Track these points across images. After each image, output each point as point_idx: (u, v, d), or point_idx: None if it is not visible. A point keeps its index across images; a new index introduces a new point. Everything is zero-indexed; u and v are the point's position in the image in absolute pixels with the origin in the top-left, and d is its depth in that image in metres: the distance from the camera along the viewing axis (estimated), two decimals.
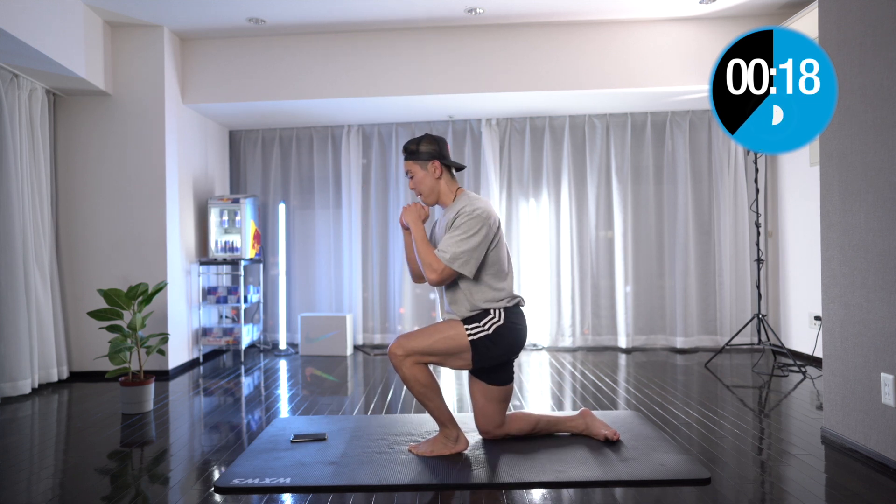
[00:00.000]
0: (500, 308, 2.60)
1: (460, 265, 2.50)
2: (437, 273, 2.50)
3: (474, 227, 2.51)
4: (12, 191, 3.99)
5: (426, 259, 2.53)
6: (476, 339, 2.55)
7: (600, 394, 3.83)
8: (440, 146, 2.66)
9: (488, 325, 2.57)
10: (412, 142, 2.66)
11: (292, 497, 2.29)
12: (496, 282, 2.60)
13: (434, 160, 2.64)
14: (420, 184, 2.66)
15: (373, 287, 5.85)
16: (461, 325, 2.57)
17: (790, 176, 5.08)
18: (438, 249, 2.53)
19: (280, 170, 5.97)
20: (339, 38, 4.89)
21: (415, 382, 2.55)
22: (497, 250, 2.60)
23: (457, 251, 2.49)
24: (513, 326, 2.61)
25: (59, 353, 4.39)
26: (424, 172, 2.65)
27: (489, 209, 2.58)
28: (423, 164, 2.65)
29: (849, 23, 2.67)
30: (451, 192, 2.68)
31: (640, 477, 2.36)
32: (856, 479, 2.39)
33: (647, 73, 4.76)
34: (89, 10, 4.27)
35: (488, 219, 2.54)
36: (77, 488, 2.42)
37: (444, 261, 2.49)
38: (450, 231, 2.55)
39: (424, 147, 2.64)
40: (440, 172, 2.65)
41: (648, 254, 5.59)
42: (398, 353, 2.53)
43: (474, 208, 2.54)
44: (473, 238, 2.50)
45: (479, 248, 2.52)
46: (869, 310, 2.57)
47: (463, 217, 2.53)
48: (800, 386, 3.94)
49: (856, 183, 2.64)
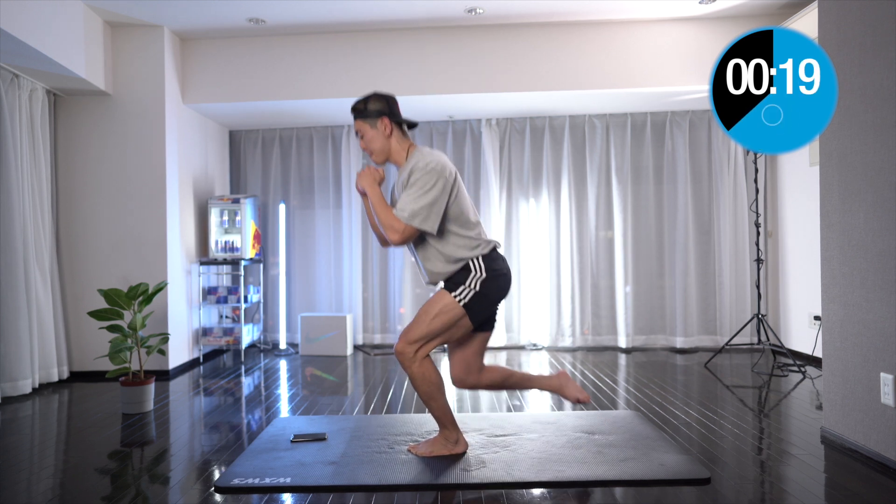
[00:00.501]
0: (478, 258, 2.54)
1: (420, 221, 2.44)
2: (398, 233, 2.46)
3: (430, 182, 2.45)
4: (12, 191, 3.99)
5: (386, 221, 2.47)
6: (468, 302, 2.50)
7: (600, 394, 3.83)
8: (389, 103, 2.60)
9: (473, 283, 2.51)
10: (360, 101, 2.60)
11: (292, 497, 2.29)
12: (464, 231, 2.54)
13: (383, 117, 2.57)
14: (371, 143, 2.60)
15: (373, 287, 5.85)
16: (448, 295, 2.52)
17: (790, 176, 5.08)
18: (396, 209, 2.47)
19: (280, 170, 5.97)
20: (339, 38, 4.89)
21: (423, 381, 2.53)
22: (458, 202, 2.53)
23: (415, 208, 2.44)
24: (496, 274, 2.55)
25: (59, 352, 4.40)
26: (374, 131, 2.58)
27: (443, 161, 2.52)
28: (373, 123, 2.58)
29: (849, 23, 2.67)
30: (402, 149, 2.62)
31: (640, 477, 2.36)
32: (855, 478, 2.39)
33: (647, 73, 4.76)
34: (89, 10, 4.27)
35: (443, 171, 2.49)
36: (77, 488, 2.42)
37: (404, 219, 2.44)
38: (406, 189, 2.50)
39: (372, 105, 2.58)
40: (390, 130, 2.58)
41: (648, 254, 5.59)
42: (406, 351, 2.51)
43: (427, 162, 2.48)
44: (430, 193, 2.45)
45: (438, 202, 2.46)
46: (868, 310, 2.57)
47: (418, 173, 2.47)
48: (799, 386, 3.94)
49: (855, 183, 2.64)
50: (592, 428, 3.01)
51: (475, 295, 2.51)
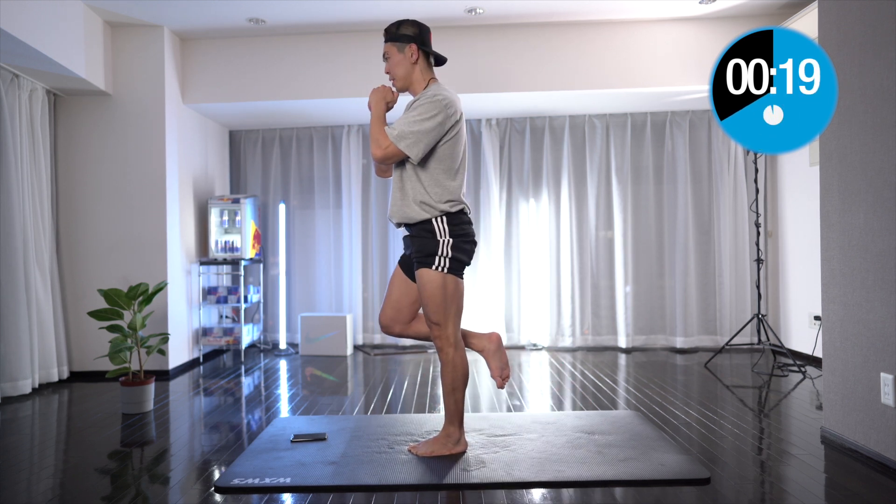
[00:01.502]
0: (440, 217, 2.50)
1: (407, 145, 2.43)
2: (381, 148, 2.45)
3: (431, 111, 2.44)
4: (12, 191, 3.99)
5: (375, 134, 2.47)
6: (449, 266, 2.51)
7: (600, 394, 3.83)
8: (421, 31, 2.59)
9: (445, 250, 2.50)
10: (394, 24, 2.59)
11: (292, 497, 2.29)
12: (445, 178, 2.52)
13: (412, 43, 2.56)
14: (395, 67, 2.59)
15: (373, 287, 5.85)
16: (428, 272, 2.50)
17: (790, 176, 5.08)
18: (389, 126, 2.47)
19: (280, 170, 5.97)
20: (339, 38, 4.89)
21: (453, 369, 2.54)
22: (452, 145, 2.52)
23: (406, 130, 2.43)
24: (463, 235, 2.54)
25: (59, 352, 4.40)
26: (401, 56, 2.57)
27: (452, 98, 2.51)
28: (401, 47, 2.57)
29: (849, 23, 2.67)
30: (423, 80, 2.61)
31: (640, 477, 2.36)
32: (855, 479, 2.39)
33: (647, 73, 4.76)
34: (89, 10, 4.27)
35: (448, 107, 2.47)
36: (77, 488, 2.42)
37: (392, 137, 2.43)
38: (406, 112, 2.50)
39: (405, 29, 2.57)
40: (416, 57, 2.57)
41: (648, 254, 5.59)
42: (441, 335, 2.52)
43: (435, 93, 2.48)
44: (427, 122, 2.44)
45: (432, 133, 2.44)
46: (868, 310, 2.57)
47: (423, 100, 2.47)
48: (799, 386, 3.94)
49: (855, 183, 2.64)
50: (592, 428, 3.01)
51: (451, 259, 2.51)
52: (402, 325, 2.73)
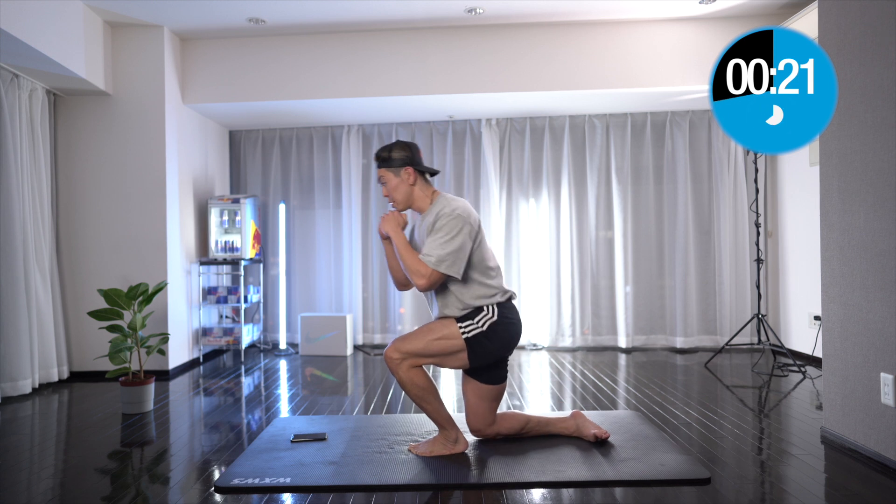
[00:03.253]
0: (493, 304, 2.59)
1: (447, 267, 2.47)
2: (425, 278, 2.48)
3: (456, 227, 2.50)
4: (12, 191, 3.99)
5: (412, 266, 2.50)
6: (471, 337, 2.54)
7: (600, 394, 3.83)
8: (412, 152, 2.65)
9: (482, 322, 2.56)
10: (384, 149, 2.65)
11: (292, 497, 2.29)
12: (485, 279, 2.59)
13: (407, 167, 2.63)
14: (394, 191, 2.65)
15: (373, 287, 5.85)
16: (455, 324, 2.56)
17: (790, 176, 5.08)
18: (423, 254, 2.50)
19: (280, 170, 5.97)
20: (339, 38, 4.89)
21: (412, 386, 2.55)
22: (481, 249, 2.60)
23: (442, 253, 2.47)
24: (507, 322, 2.60)
25: (59, 352, 4.40)
26: (398, 179, 2.64)
27: (468, 208, 2.57)
28: (396, 171, 2.63)
29: (849, 23, 2.67)
30: (426, 196, 2.67)
31: (640, 477, 2.36)
32: (856, 479, 2.39)
33: (647, 73, 4.76)
34: (89, 10, 4.27)
35: (469, 217, 2.54)
36: (77, 488, 2.42)
37: (431, 265, 2.47)
38: (431, 234, 2.53)
39: (396, 153, 2.63)
40: (414, 178, 2.64)
41: (648, 254, 5.59)
42: (394, 357, 2.52)
43: (453, 209, 2.53)
44: (457, 239, 2.49)
45: (464, 248, 2.51)
46: (869, 310, 2.57)
47: (444, 219, 2.51)
48: (800, 386, 3.94)
49: (856, 183, 2.64)
50: None
51: (480, 334, 2.55)
52: (492, 427, 2.76)
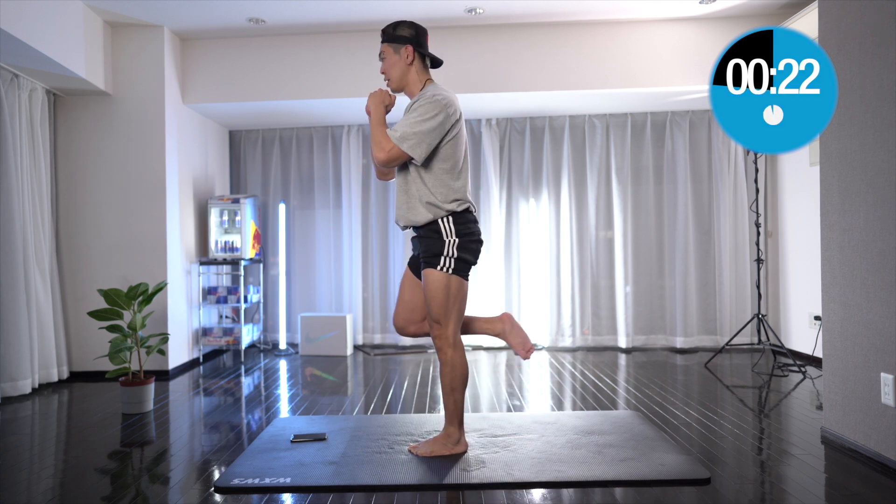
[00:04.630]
0: (447, 218, 2.52)
1: (410, 146, 2.44)
2: (385, 151, 2.45)
3: (431, 112, 2.45)
4: (12, 191, 3.99)
5: (377, 138, 2.47)
6: (454, 267, 2.52)
7: (600, 394, 3.83)
8: (418, 33, 2.60)
9: (450, 250, 2.52)
10: (391, 25, 2.60)
11: (292, 497, 2.29)
12: (449, 178, 2.53)
13: (408, 45, 2.58)
14: (391, 68, 2.61)
15: (373, 287, 5.85)
16: (433, 272, 2.52)
17: (790, 176, 5.08)
18: (391, 129, 2.48)
19: (280, 170, 5.97)
20: (339, 38, 4.89)
21: (452, 369, 2.55)
22: (454, 145, 2.53)
23: (408, 131, 2.44)
24: (469, 235, 2.56)
25: (59, 353, 4.39)
26: (397, 57, 2.59)
27: (451, 98, 2.53)
28: (397, 48, 2.59)
29: (849, 23, 2.67)
30: (419, 81, 2.62)
31: (640, 477, 2.36)
32: (856, 479, 2.39)
33: (647, 73, 4.76)
34: (89, 10, 4.27)
35: (448, 106, 2.49)
36: (77, 488, 2.42)
37: (394, 139, 2.44)
38: (406, 113, 2.51)
39: (401, 30, 2.58)
40: (412, 58, 2.59)
41: (648, 254, 5.59)
42: (440, 334, 2.53)
43: (434, 94, 2.49)
44: (428, 122, 2.45)
45: (433, 132, 2.46)
46: (869, 310, 2.57)
47: (422, 100, 2.48)
48: (800, 386, 3.94)
49: (856, 183, 2.64)
50: (592, 428, 3.01)
51: (456, 260, 2.52)
52: (417, 325, 2.76)
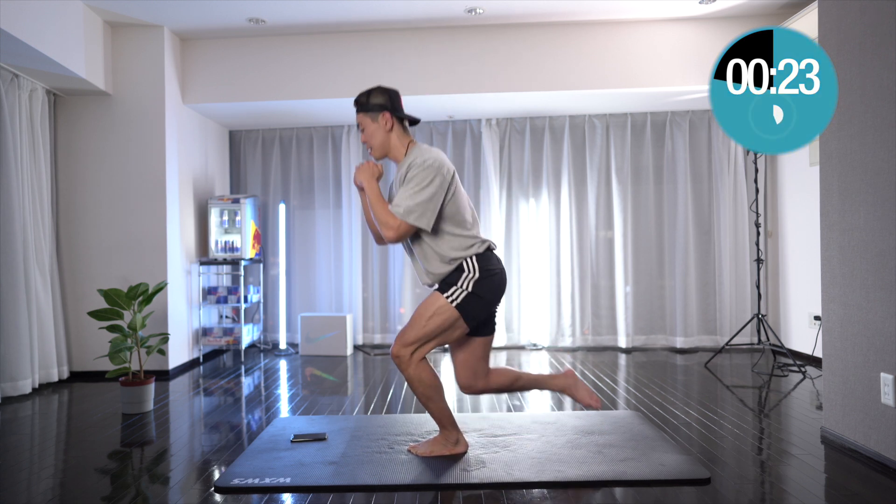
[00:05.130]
0: (471, 257, 2.52)
1: (416, 218, 2.43)
2: (393, 229, 2.44)
3: (427, 178, 2.44)
4: (12, 191, 3.99)
5: (381, 217, 2.47)
6: (460, 302, 2.49)
7: (600, 394, 3.83)
8: (391, 98, 2.60)
9: (465, 284, 2.50)
10: (363, 94, 2.60)
11: (292, 497, 2.29)
12: (460, 230, 2.52)
13: (384, 112, 2.57)
14: (371, 137, 2.59)
15: (373, 287, 5.85)
16: (440, 297, 2.50)
17: (790, 176, 5.08)
18: (392, 205, 2.47)
19: (280, 170, 5.97)
20: (339, 38, 4.89)
21: (419, 383, 2.53)
22: (455, 201, 2.52)
23: (411, 204, 2.43)
24: (489, 274, 2.53)
25: (59, 352, 4.39)
26: (375, 125, 2.58)
27: (441, 159, 2.52)
28: (374, 117, 2.58)
29: (849, 23, 2.67)
30: (402, 145, 2.60)
31: (640, 477, 2.36)
32: (856, 479, 2.39)
33: (647, 73, 4.76)
34: (89, 10, 4.27)
35: (441, 168, 2.47)
36: (77, 488, 2.42)
37: (399, 215, 2.43)
38: (402, 185, 2.50)
39: (375, 98, 2.58)
40: (391, 125, 2.57)
41: (648, 254, 5.59)
42: (401, 354, 2.50)
43: (424, 159, 2.48)
44: (427, 189, 2.44)
45: (434, 199, 2.45)
46: (869, 310, 2.57)
47: (415, 169, 2.47)
48: (800, 386, 3.94)
49: (856, 183, 2.64)
50: (592, 428, 3.01)
51: (468, 296, 2.49)
52: (483, 381, 2.72)
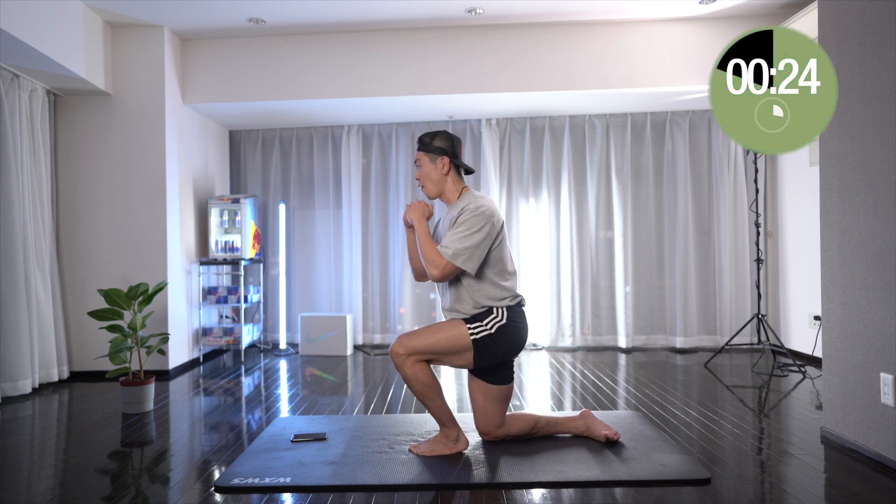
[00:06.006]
0: (504, 307, 2.61)
1: (463, 261, 2.51)
2: (439, 269, 2.51)
3: (478, 224, 2.53)
4: (12, 191, 3.99)
5: (429, 255, 2.54)
6: (478, 339, 2.56)
7: (600, 394, 3.83)
8: (454, 144, 2.72)
9: (490, 325, 2.58)
10: (427, 135, 2.71)
11: (292, 497, 2.29)
12: (500, 280, 2.62)
13: (444, 156, 2.67)
14: (427, 177, 2.70)
15: (373, 287, 5.85)
16: (463, 325, 2.58)
17: (790, 176, 5.08)
18: (441, 245, 2.54)
19: (280, 170, 5.97)
20: (339, 38, 4.89)
21: (416, 382, 2.56)
22: (500, 249, 2.62)
23: (460, 247, 2.50)
24: (515, 325, 2.62)
25: (59, 352, 4.39)
26: (433, 166, 2.68)
27: (493, 208, 2.61)
28: (433, 158, 2.68)
29: (849, 23, 2.67)
30: (456, 189, 2.71)
31: (640, 477, 2.36)
32: (855, 479, 2.39)
33: (647, 73, 4.76)
34: (89, 10, 4.27)
35: (492, 217, 2.57)
36: (77, 488, 2.42)
37: (447, 256, 2.50)
38: (453, 227, 2.56)
39: (438, 142, 2.69)
40: (448, 169, 2.69)
41: (648, 254, 5.59)
42: (400, 352, 2.54)
43: (478, 206, 2.57)
44: (477, 235, 2.52)
45: (483, 244, 2.54)
46: (868, 310, 2.57)
47: (467, 214, 2.55)
48: (799, 386, 3.94)
49: (856, 183, 2.64)
50: None
51: (487, 336, 2.57)
52: (502, 428, 2.76)
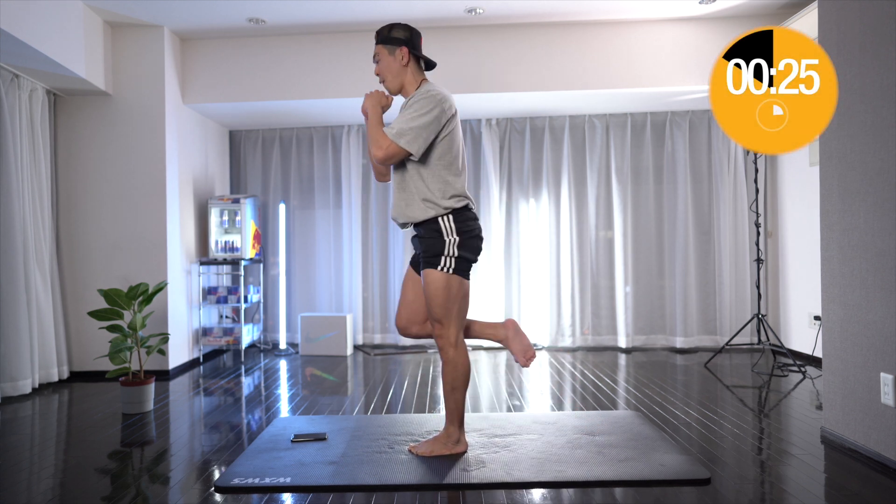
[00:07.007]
0: (447, 216, 2.53)
1: (407, 142, 2.46)
2: (382, 149, 2.48)
3: (426, 107, 2.48)
4: (12, 191, 3.99)
5: (374, 136, 2.50)
6: (454, 268, 2.53)
7: (600, 394, 3.83)
8: (413, 36, 2.64)
9: (451, 250, 2.52)
10: (386, 27, 2.64)
11: (292, 497, 2.29)
12: (447, 174, 2.54)
13: (403, 46, 2.61)
14: (386, 70, 2.63)
15: (373, 287, 5.85)
16: (433, 272, 2.53)
17: (790, 176, 5.08)
18: (387, 127, 2.51)
19: (280, 170, 5.97)
20: (339, 38, 4.89)
21: (454, 368, 2.56)
22: (450, 139, 2.55)
23: (404, 127, 2.47)
24: (469, 233, 2.56)
25: (59, 352, 4.39)
26: (391, 58, 2.62)
27: (446, 94, 2.56)
28: (391, 50, 2.61)
29: (849, 23, 2.67)
30: (416, 82, 2.64)
31: (640, 477, 2.37)
32: (855, 479, 2.39)
33: (647, 73, 4.76)
34: (89, 10, 4.27)
35: (442, 101, 2.51)
36: (77, 488, 2.42)
37: (391, 136, 2.47)
38: (402, 111, 2.54)
39: (396, 33, 2.62)
40: (407, 60, 2.61)
41: (648, 254, 5.59)
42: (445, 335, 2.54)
43: (429, 89, 2.54)
44: (424, 117, 2.47)
45: (430, 127, 2.48)
46: (868, 310, 2.57)
47: (416, 96, 2.53)
48: (799, 386, 3.94)
49: (856, 183, 2.64)
50: (592, 428, 3.01)
51: (457, 259, 2.53)
52: (420, 326, 2.75)
